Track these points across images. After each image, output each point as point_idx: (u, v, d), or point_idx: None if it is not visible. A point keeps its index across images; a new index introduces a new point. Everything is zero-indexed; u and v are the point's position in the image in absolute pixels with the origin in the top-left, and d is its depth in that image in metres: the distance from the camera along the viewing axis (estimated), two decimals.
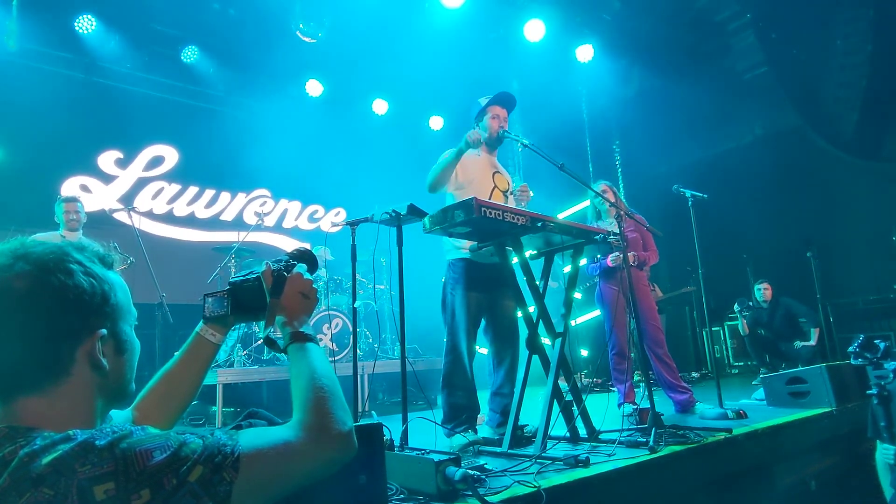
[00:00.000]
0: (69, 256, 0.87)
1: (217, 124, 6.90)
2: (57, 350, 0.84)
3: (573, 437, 2.96)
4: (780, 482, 3.11)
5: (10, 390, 0.82)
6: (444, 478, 1.83)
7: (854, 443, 3.69)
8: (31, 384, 0.82)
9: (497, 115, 3.46)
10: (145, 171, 6.77)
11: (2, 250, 0.85)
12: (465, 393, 3.15)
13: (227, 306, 1.25)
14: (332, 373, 1.05)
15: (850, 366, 4.04)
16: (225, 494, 0.78)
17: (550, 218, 2.88)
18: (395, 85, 8.18)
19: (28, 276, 0.82)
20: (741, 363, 8.25)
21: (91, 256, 0.91)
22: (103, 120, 6.39)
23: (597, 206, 4.39)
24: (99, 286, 0.89)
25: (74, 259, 0.87)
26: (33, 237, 0.90)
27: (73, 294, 0.85)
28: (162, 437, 0.78)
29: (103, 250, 0.96)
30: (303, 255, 1.32)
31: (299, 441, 0.89)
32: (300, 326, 1.15)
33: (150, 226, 6.64)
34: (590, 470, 2.26)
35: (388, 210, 2.86)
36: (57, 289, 0.83)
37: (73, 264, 0.87)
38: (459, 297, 3.23)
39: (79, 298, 0.85)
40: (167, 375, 1.26)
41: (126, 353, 0.95)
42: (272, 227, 7.64)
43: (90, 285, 0.87)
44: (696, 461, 2.65)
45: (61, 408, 0.84)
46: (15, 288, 0.81)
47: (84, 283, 0.86)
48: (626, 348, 4.13)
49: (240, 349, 5.39)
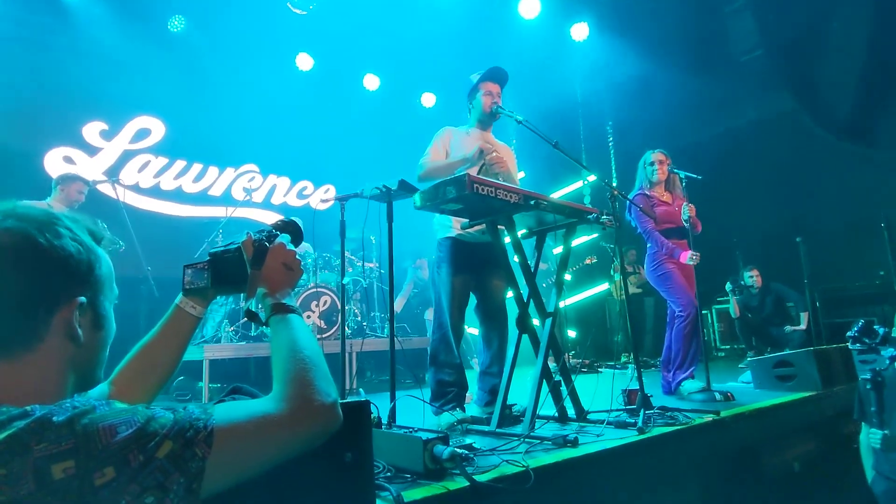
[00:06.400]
0: (60, 221, 0.86)
1: (205, 97, 6.73)
2: (34, 311, 0.80)
3: (562, 417, 2.96)
4: (764, 463, 3.13)
5: None
6: (431, 456, 1.81)
7: (838, 425, 3.73)
8: (3, 346, 0.79)
9: (489, 90, 3.39)
10: (131, 144, 6.62)
11: None
12: (452, 370, 3.14)
13: (206, 278, 1.20)
14: (315, 344, 1.01)
15: (837, 350, 4.09)
16: (197, 470, 0.73)
17: (544, 196, 2.83)
18: (387, 61, 8.05)
19: (16, 233, 0.80)
20: (727, 346, 8.34)
21: (82, 227, 0.90)
22: (88, 90, 6.21)
23: (648, 175, 4.30)
24: (86, 254, 0.87)
25: (65, 224, 0.86)
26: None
27: (59, 256, 0.83)
28: (128, 412, 0.73)
29: (94, 226, 0.95)
30: (286, 225, 1.27)
31: (279, 413, 0.85)
32: (282, 298, 1.10)
33: (136, 199, 6.52)
34: (578, 450, 2.25)
35: (378, 185, 2.80)
36: (44, 248, 0.81)
37: (63, 229, 0.85)
38: (446, 276, 3.20)
39: (64, 261, 0.83)
40: (145, 348, 1.21)
41: (103, 330, 0.92)
42: (261, 203, 7.54)
43: (77, 251, 0.85)
44: (684, 442, 2.65)
45: (28, 378, 0.79)
46: (1, 243, 0.79)
47: (71, 247, 0.85)
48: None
49: (227, 325, 5.34)
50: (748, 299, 6.88)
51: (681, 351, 3.93)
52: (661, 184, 4.27)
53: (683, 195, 4.23)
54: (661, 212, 4.15)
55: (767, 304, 6.75)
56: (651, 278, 4.24)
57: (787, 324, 6.65)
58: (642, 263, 4.60)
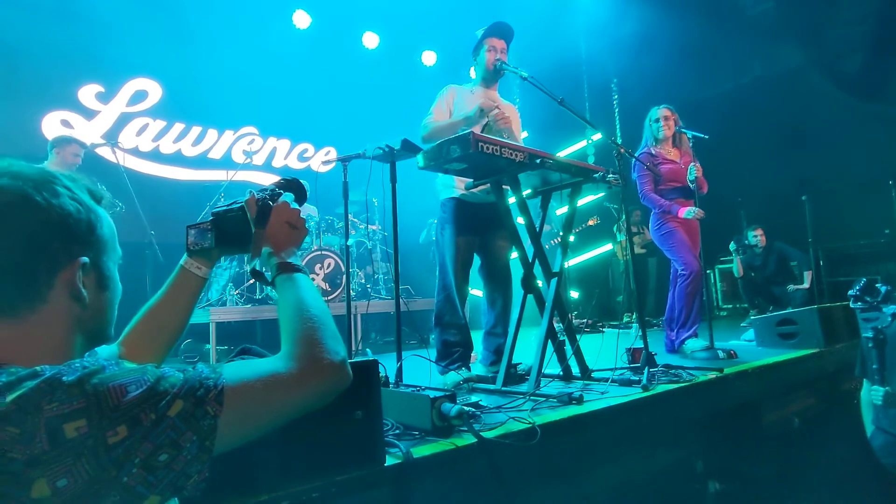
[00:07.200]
0: (58, 180, 0.83)
1: (201, 58, 6.58)
2: (34, 272, 0.79)
3: (566, 375, 2.99)
4: (765, 419, 3.18)
5: None
6: (439, 413, 1.83)
7: (839, 382, 3.78)
8: (6, 307, 0.78)
9: (493, 46, 3.30)
10: (129, 107, 6.51)
11: None
12: (456, 330, 3.16)
13: (210, 238, 1.19)
14: (321, 303, 1.00)
15: (840, 308, 4.10)
16: (209, 428, 0.73)
17: (549, 155, 2.80)
18: (387, 17, 7.84)
19: (12, 192, 0.78)
20: (729, 305, 8.37)
21: (81, 186, 0.88)
22: (82, 52, 6.07)
23: (654, 132, 4.23)
24: (85, 213, 0.85)
25: (63, 184, 0.84)
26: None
27: (57, 215, 0.80)
28: (138, 372, 0.73)
29: (93, 185, 0.92)
30: (290, 183, 1.25)
31: (289, 372, 0.85)
32: (287, 257, 1.09)
33: (135, 163, 6.45)
34: (583, 407, 2.28)
35: (381, 145, 2.76)
36: (41, 207, 0.79)
37: (61, 188, 0.83)
38: (449, 237, 3.19)
39: (63, 221, 0.81)
40: (152, 310, 1.20)
41: (108, 291, 0.91)
42: (261, 166, 7.46)
43: (76, 210, 0.83)
44: (688, 399, 2.68)
45: (34, 338, 0.79)
46: None
47: (70, 206, 0.82)
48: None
49: (232, 288, 5.37)
50: (752, 258, 6.87)
51: (683, 309, 3.95)
52: (667, 140, 4.20)
53: (691, 154, 4.17)
54: (666, 170, 4.10)
55: (771, 264, 6.74)
56: (655, 237, 4.22)
57: (791, 283, 6.66)
58: (647, 224, 4.57)
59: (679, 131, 4.19)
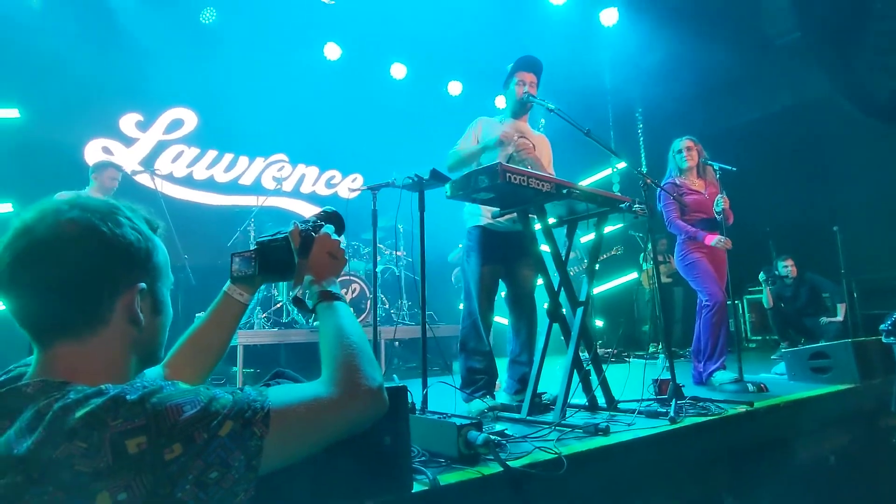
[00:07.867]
0: (121, 211, 0.91)
1: (235, 88, 6.83)
2: (98, 297, 0.85)
3: (592, 406, 2.96)
4: (799, 456, 3.09)
5: (50, 333, 0.84)
6: (465, 441, 1.84)
7: (876, 419, 3.65)
8: (71, 329, 0.84)
9: (522, 79, 3.38)
10: (165, 135, 6.77)
11: (61, 200, 0.88)
12: (481, 357, 3.17)
13: (254, 266, 1.24)
14: (360, 330, 1.05)
15: (875, 342, 3.98)
16: (256, 449, 0.77)
17: (575, 185, 2.82)
18: (414, 49, 8.04)
19: (80, 223, 0.85)
20: (759, 337, 8.19)
21: (139, 217, 0.95)
22: (124, 82, 6.35)
23: (678, 163, 4.25)
24: (144, 242, 0.92)
25: (125, 214, 0.91)
26: (59, 194, 0.91)
27: (121, 244, 0.87)
28: (192, 393, 0.77)
29: (150, 215, 1.00)
30: (330, 216, 1.31)
31: (329, 397, 0.89)
32: (328, 286, 1.14)
33: (169, 189, 6.65)
34: (610, 438, 2.26)
35: (410, 175, 2.83)
36: (107, 237, 0.86)
37: (123, 218, 0.90)
38: (474, 264, 3.23)
39: (125, 250, 0.88)
40: (196, 333, 1.26)
41: (161, 315, 0.97)
42: (290, 193, 7.64)
43: (137, 240, 0.90)
44: (717, 433, 2.63)
45: (95, 359, 0.84)
46: (67, 232, 0.83)
47: (131, 235, 0.89)
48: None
49: (259, 312, 5.46)
50: (782, 289, 6.74)
51: (710, 340, 3.89)
52: (691, 171, 4.21)
53: (717, 185, 4.16)
54: (691, 201, 4.09)
55: (802, 295, 6.61)
56: (679, 267, 4.19)
57: (822, 315, 6.50)
58: (672, 252, 4.54)
59: (704, 163, 4.19)
